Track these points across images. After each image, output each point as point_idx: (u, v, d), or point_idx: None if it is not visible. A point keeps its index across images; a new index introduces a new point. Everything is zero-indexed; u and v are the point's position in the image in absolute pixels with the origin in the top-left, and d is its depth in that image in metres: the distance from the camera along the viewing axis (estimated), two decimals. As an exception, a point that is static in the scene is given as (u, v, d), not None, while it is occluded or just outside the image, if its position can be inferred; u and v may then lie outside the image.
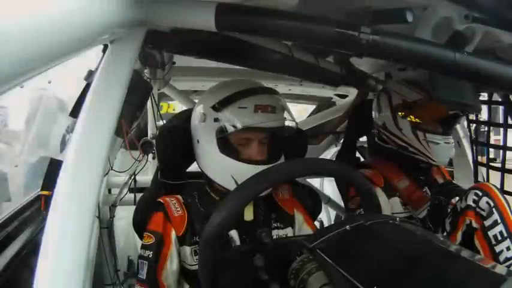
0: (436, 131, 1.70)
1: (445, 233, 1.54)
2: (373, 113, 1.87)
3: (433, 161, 1.71)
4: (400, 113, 1.73)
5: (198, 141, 1.29)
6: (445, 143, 1.69)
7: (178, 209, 1.28)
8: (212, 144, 1.23)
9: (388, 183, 1.74)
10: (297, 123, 1.30)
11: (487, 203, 1.40)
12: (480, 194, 1.43)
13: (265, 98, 1.23)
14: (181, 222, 1.26)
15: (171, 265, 1.25)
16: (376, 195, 1.17)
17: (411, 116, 1.70)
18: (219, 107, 1.22)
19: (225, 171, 1.24)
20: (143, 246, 1.25)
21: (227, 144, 1.24)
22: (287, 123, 1.27)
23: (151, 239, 1.24)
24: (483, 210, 1.41)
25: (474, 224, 1.43)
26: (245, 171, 1.17)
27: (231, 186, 1.21)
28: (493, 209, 1.39)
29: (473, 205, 1.43)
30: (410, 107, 1.70)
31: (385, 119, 1.79)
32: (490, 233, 1.38)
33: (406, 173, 1.77)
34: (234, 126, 1.19)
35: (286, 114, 1.27)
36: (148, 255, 1.23)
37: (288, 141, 1.33)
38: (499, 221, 1.38)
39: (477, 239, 1.42)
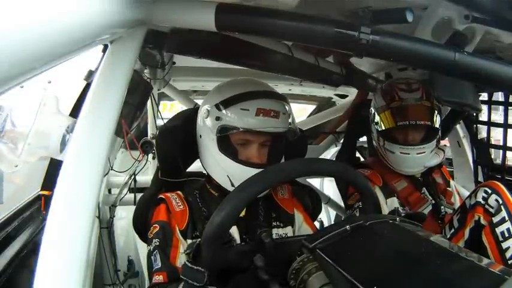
0: (393, 140, 1.68)
1: (452, 230, 1.55)
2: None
3: (396, 168, 1.73)
4: (371, 118, 1.80)
5: (200, 136, 1.30)
6: (401, 153, 1.65)
7: (180, 204, 1.28)
8: (212, 141, 1.24)
9: (386, 184, 1.74)
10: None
11: (496, 200, 1.42)
12: (489, 191, 1.45)
13: (269, 102, 1.22)
14: (183, 217, 1.26)
15: (184, 249, 1.21)
16: (376, 194, 1.17)
17: (374, 122, 1.76)
18: (222, 106, 1.22)
19: (221, 169, 1.25)
20: (150, 239, 1.21)
21: (227, 143, 1.24)
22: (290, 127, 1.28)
23: (157, 228, 1.22)
24: (492, 207, 1.43)
25: (482, 221, 1.45)
26: (241, 172, 1.18)
27: (227, 185, 1.24)
28: (502, 207, 1.41)
29: (482, 202, 1.45)
30: (375, 112, 1.75)
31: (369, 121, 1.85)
32: (498, 230, 1.40)
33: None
34: (234, 127, 1.19)
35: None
36: (156, 243, 1.19)
37: (289, 144, 1.34)
38: (507, 218, 1.39)
39: (485, 235, 1.44)
